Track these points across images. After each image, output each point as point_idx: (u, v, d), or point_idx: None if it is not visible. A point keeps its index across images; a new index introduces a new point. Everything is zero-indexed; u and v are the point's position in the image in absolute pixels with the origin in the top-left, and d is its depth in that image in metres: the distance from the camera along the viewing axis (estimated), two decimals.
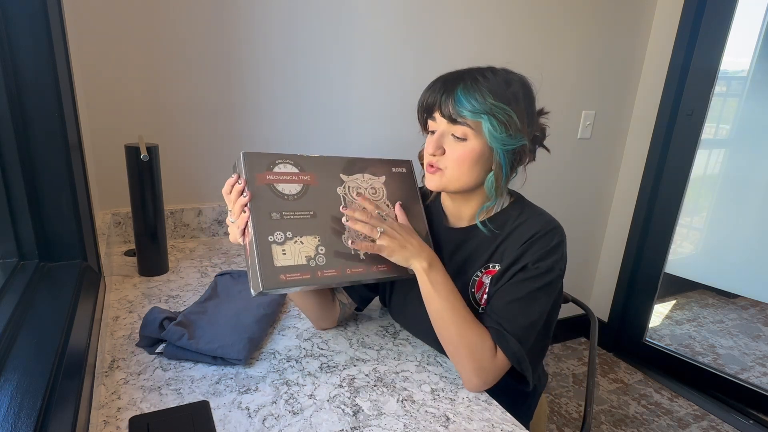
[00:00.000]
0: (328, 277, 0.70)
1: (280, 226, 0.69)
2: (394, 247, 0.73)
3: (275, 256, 0.67)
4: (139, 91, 1.20)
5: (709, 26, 1.79)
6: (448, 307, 0.73)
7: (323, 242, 0.72)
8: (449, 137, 0.75)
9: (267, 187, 0.70)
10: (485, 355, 0.72)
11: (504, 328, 0.72)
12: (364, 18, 1.41)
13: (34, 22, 0.66)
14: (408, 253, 0.74)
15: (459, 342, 0.72)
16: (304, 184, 0.73)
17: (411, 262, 0.74)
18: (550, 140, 0.86)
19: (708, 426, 1.78)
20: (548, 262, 0.75)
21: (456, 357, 0.74)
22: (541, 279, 0.74)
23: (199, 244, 1.29)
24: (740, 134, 1.85)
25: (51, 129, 0.71)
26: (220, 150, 1.33)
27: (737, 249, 1.89)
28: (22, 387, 0.46)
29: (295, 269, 0.68)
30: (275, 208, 0.70)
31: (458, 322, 0.72)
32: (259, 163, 0.71)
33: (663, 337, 2.24)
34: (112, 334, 0.81)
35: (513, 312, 0.73)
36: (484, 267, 0.80)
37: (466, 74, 0.76)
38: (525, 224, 0.79)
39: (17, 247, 0.73)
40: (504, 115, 0.72)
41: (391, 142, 1.54)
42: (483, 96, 0.72)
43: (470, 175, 0.76)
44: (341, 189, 0.76)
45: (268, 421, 0.63)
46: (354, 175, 0.78)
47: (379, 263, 0.75)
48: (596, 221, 2.21)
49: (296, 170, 0.73)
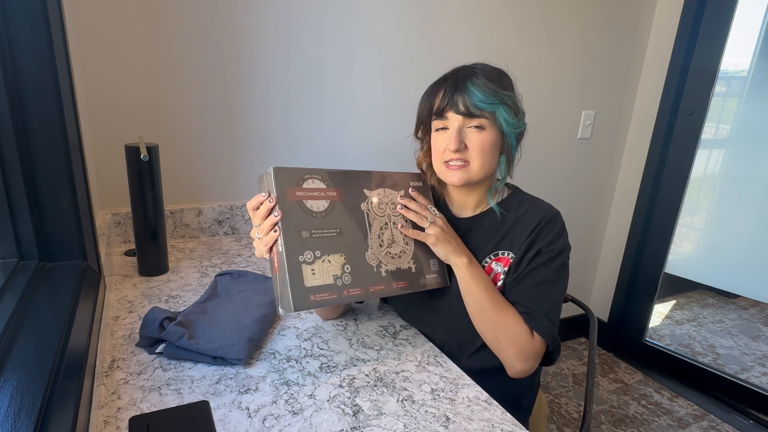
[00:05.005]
0: (353, 295, 0.73)
1: (310, 246, 0.70)
2: (440, 237, 0.80)
3: (305, 277, 0.68)
4: (139, 91, 1.20)
5: (709, 26, 1.79)
6: (487, 297, 0.79)
7: (348, 260, 0.73)
8: (465, 131, 0.80)
9: (297, 205, 0.70)
10: (524, 338, 0.78)
11: (534, 311, 0.79)
12: (364, 17, 1.41)
13: (34, 22, 0.66)
14: (451, 247, 0.80)
15: (500, 329, 0.79)
16: (330, 200, 0.73)
17: (451, 257, 0.81)
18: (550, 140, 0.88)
19: (708, 426, 1.78)
20: (559, 244, 0.82)
21: (497, 344, 0.80)
22: (556, 260, 0.82)
23: (199, 244, 1.29)
24: (740, 134, 1.85)
25: (51, 129, 0.71)
26: (220, 150, 1.33)
27: (737, 249, 1.89)
28: (22, 387, 0.46)
29: (324, 289, 0.70)
30: (305, 227, 0.70)
31: (497, 311, 0.79)
32: (290, 178, 0.70)
33: (663, 337, 2.24)
34: (112, 334, 0.81)
35: (539, 295, 0.80)
36: (493, 254, 0.86)
37: (466, 71, 0.81)
38: (528, 212, 0.86)
39: (17, 247, 0.73)
40: (512, 101, 0.80)
41: (391, 141, 1.54)
42: (491, 88, 0.78)
43: (492, 161, 0.83)
44: (364, 205, 0.77)
45: (268, 421, 0.63)
46: (376, 189, 0.80)
47: (398, 280, 0.78)
48: (596, 221, 2.21)
49: (323, 186, 0.73)
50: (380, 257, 0.77)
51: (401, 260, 0.79)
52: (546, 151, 1.88)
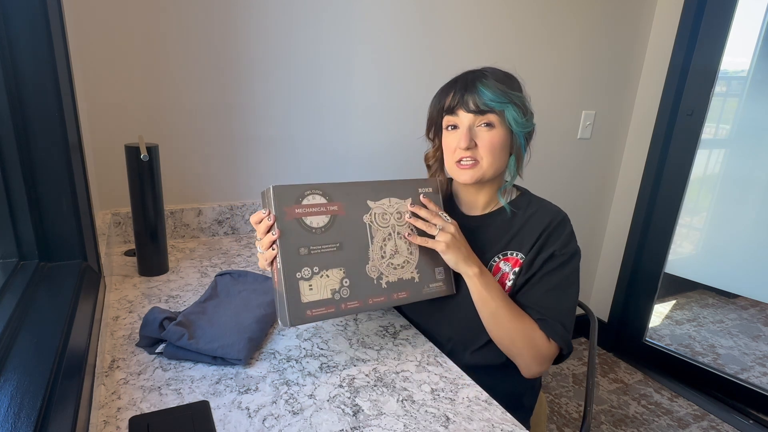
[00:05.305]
0: (351, 308, 0.73)
1: (308, 262, 0.71)
2: (450, 245, 0.78)
3: (302, 292, 0.70)
4: (139, 91, 1.20)
5: (709, 26, 1.79)
6: (502, 305, 0.79)
7: (348, 274, 0.74)
8: (475, 129, 0.82)
9: (296, 222, 0.71)
10: (540, 342, 0.79)
11: (548, 317, 0.80)
12: (364, 17, 1.41)
13: (34, 22, 0.66)
14: (462, 255, 0.79)
15: (516, 335, 0.79)
16: (331, 214, 0.74)
17: (461, 266, 0.79)
18: (550, 140, 0.89)
19: (708, 426, 1.78)
20: (571, 247, 0.84)
21: (514, 350, 0.81)
22: (569, 264, 0.83)
23: (199, 244, 1.29)
24: (740, 134, 1.85)
25: (51, 129, 0.71)
26: (220, 150, 1.33)
27: (737, 249, 1.89)
28: (22, 387, 0.46)
29: (321, 304, 0.71)
30: (303, 243, 0.71)
31: (513, 318, 0.79)
32: (289, 196, 0.71)
33: (663, 337, 2.24)
34: (112, 334, 0.81)
35: (553, 300, 0.81)
36: (502, 254, 0.86)
37: (475, 73, 0.84)
38: (537, 214, 0.86)
39: (17, 247, 0.73)
40: (520, 101, 0.82)
41: (391, 140, 1.54)
42: (500, 88, 0.80)
43: (502, 159, 0.83)
44: (367, 217, 0.77)
45: (268, 421, 0.63)
46: (381, 200, 0.79)
47: (398, 291, 0.78)
48: (596, 221, 2.21)
49: (324, 200, 0.73)
50: (381, 269, 0.77)
51: (404, 270, 0.79)
52: (546, 151, 1.87)
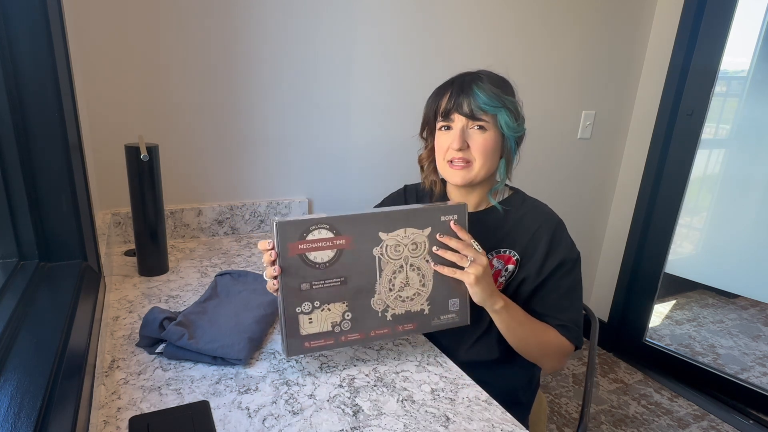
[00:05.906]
0: (351, 340, 0.74)
1: (309, 297, 0.71)
2: (481, 278, 0.75)
3: (302, 325, 0.71)
4: (139, 91, 1.20)
5: (709, 26, 1.79)
6: (528, 329, 0.83)
7: (351, 307, 0.73)
8: (468, 131, 0.83)
9: (298, 258, 0.69)
10: (564, 347, 0.85)
11: (566, 321, 0.85)
12: (364, 18, 1.41)
13: (34, 22, 0.66)
14: (489, 289, 0.77)
15: (544, 351, 0.85)
16: (338, 249, 0.71)
17: (488, 301, 0.78)
18: (550, 140, 0.89)
19: (708, 426, 1.78)
20: (575, 251, 0.87)
21: (542, 360, 0.87)
22: (574, 269, 0.86)
23: (199, 244, 1.29)
24: (740, 134, 1.85)
25: (51, 129, 0.71)
26: (220, 150, 1.33)
27: (737, 249, 1.89)
28: (22, 387, 0.46)
29: (320, 336, 0.72)
30: (305, 279, 0.70)
31: (539, 339, 0.84)
32: (293, 232, 0.69)
33: (663, 337, 2.24)
34: (112, 334, 0.81)
35: (567, 304, 0.86)
36: (495, 251, 0.89)
37: (472, 76, 0.85)
38: (530, 213, 0.89)
39: (17, 247, 0.73)
40: (513, 106, 0.83)
41: (391, 140, 1.54)
42: (495, 92, 0.81)
43: (493, 162, 0.85)
44: (378, 249, 0.74)
45: (268, 421, 0.63)
46: (395, 231, 0.74)
47: (404, 324, 0.77)
48: (596, 221, 2.21)
49: (331, 235, 0.71)
50: (388, 302, 0.75)
51: (413, 303, 0.77)
52: (546, 151, 1.88)
